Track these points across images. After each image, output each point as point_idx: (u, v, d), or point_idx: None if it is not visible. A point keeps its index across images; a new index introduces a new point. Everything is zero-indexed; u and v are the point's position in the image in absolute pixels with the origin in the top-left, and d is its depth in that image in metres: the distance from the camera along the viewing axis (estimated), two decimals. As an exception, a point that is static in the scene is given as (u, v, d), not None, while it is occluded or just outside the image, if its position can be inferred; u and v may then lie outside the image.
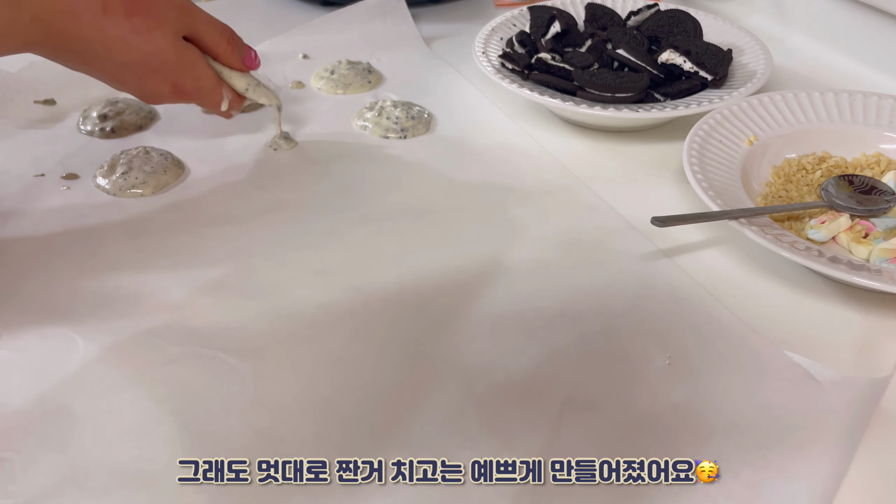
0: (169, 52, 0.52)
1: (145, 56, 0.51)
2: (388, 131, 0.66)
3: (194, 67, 0.54)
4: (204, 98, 0.57)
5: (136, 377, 0.44)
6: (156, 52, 0.52)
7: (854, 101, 0.62)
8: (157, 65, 0.52)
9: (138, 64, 0.52)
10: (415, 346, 0.46)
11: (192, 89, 0.55)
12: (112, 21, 0.49)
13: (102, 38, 0.49)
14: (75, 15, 0.48)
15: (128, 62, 0.51)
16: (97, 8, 0.48)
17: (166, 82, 0.54)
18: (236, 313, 0.48)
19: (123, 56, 0.51)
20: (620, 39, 0.69)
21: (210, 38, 0.55)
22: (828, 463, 0.38)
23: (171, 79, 0.54)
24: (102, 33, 0.49)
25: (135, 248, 0.53)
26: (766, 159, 0.59)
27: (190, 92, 0.55)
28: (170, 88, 0.54)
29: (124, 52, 0.51)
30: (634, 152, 0.64)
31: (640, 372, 0.44)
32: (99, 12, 0.49)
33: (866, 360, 0.45)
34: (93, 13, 0.48)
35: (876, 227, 0.53)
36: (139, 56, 0.51)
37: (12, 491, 0.38)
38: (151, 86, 0.54)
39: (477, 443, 0.40)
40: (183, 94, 0.55)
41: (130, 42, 0.50)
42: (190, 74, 0.54)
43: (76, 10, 0.48)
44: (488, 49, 0.71)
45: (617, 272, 0.51)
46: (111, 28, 0.49)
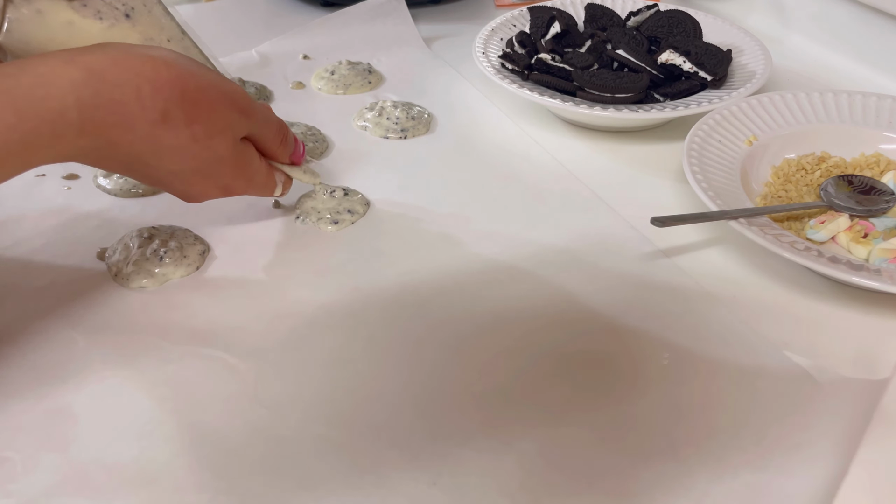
0: (227, 158, 0.47)
1: (201, 163, 0.47)
2: (389, 131, 0.66)
3: (248, 167, 0.50)
4: (255, 192, 0.53)
5: (136, 377, 0.44)
6: (213, 159, 0.47)
7: (853, 101, 0.62)
8: (211, 171, 0.48)
9: (192, 171, 0.47)
10: (414, 346, 0.46)
11: (243, 188, 0.51)
12: (170, 131, 0.44)
13: (156, 148, 0.44)
14: (130, 127, 0.42)
15: (179, 170, 0.47)
16: (155, 118, 0.43)
17: (217, 186, 0.49)
18: (236, 313, 0.48)
19: (176, 165, 0.46)
20: (620, 40, 0.69)
21: (266, 141, 0.51)
22: (827, 463, 0.38)
23: (224, 182, 0.49)
24: (157, 144, 0.44)
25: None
26: (765, 159, 0.60)
27: (241, 192, 0.51)
28: (220, 190, 0.50)
29: (179, 161, 0.46)
30: (634, 152, 0.65)
31: (639, 372, 0.44)
32: (157, 123, 0.43)
33: (865, 361, 0.45)
34: (150, 124, 0.43)
35: (875, 227, 0.53)
36: (195, 164, 0.46)
37: (12, 490, 0.38)
38: (200, 189, 0.49)
39: (477, 442, 0.40)
40: (232, 193, 0.51)
41: (187, 151, 0.45)
42: (243, 176, 0.50)
43: (131, 122, 0.42)
44: (488, 49, 0.71)
45: (616, 272, 0.51)
46: (168, 138, 0.44)
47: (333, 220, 0.56)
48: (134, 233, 0.53)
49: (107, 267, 0.52)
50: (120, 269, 0.51)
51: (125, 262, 0.51)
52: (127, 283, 0.50)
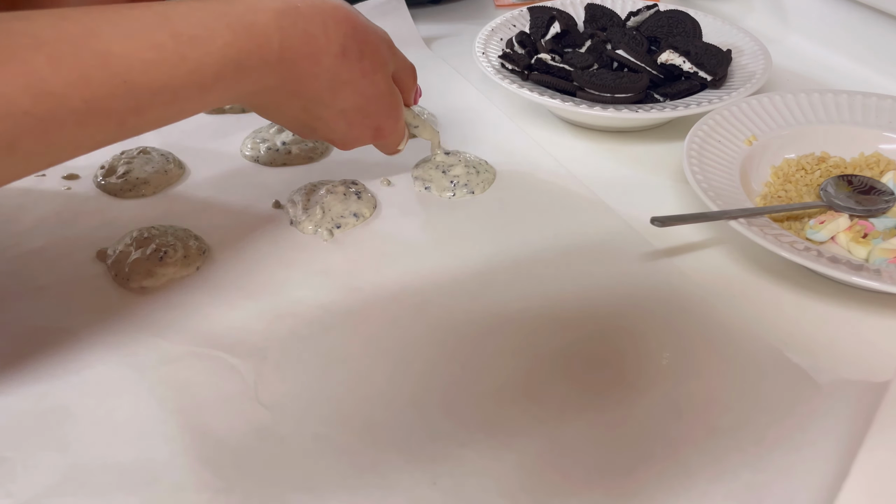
0: (385, 94, 0.50)
1: (366, 100, 0.49)
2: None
3: (398, 107, 0.52)
4: (395, 136, 0.54)
5: (136, 377, 0.44)
6: (375, 96, 0.50)
7: (853, 101, 0.62)
8: (372, 108, 0.50)
9: (356, 109, 0.49)
10: (414, 346, 0.46)
11: (390, 131, 0.53)
12: (346, 65, 0.47)
13: (334, 83, 0.47)
14: (317, 59, 0.45)
15: (348, 108, 0.49)
16: (337, 51, 0.46)
17: (372, 126, 0.52)
18: (236, 313, 0.48)
19: (347, 101, 0.49)
20: (620, 40, 0.69)
21: (405, 78, 0.54)
22: (828, 465, 0.38)
23: (378, 122, 0.52)
24: (336, 78, 0.47)
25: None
26: (765, 159, 0.60)
27: (388, 134, 0.53)
28: (371, 133, 0.52)
29: (349, 97, 0.48)
30: (634, 152, 0.65)
31: (639, 372, 0.44)
32: (338, 56, 0.46)
33: (866, 361, 0.45)
34: (333, 56, 0.46)
35: (875, 227, 0.53)
36: (361, 100, 0.49)
37: (12, 491, 0.38)
38: (358, 131, 0.51)
39: (477, 443, 0.40)
40: (380, 137, 0.53)
41: (357, 86, 0.48)
42: (394, 115, 0.52)
43: (318, 54, 0.45)
44: (488, 49, 0.71)
45: (616, 272, 0.51)
46: (345, 71, 0.47)
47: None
48: (134, 233, 0.53)
49: (107, 267, 0.52)
50: (120, 268, 0.51)
51: (125, 262, 0.51)
52: (127, 282, 0.50)
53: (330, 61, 0.46)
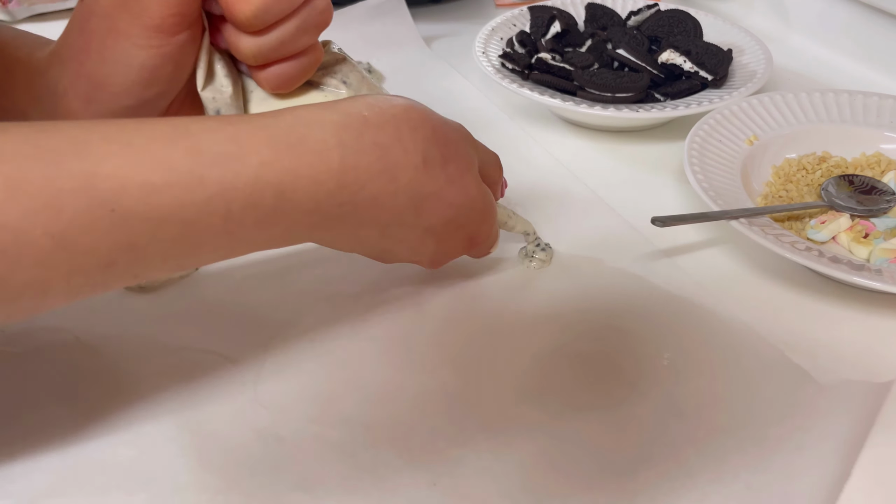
0: (477, 198, 0.41)
1: (456, 210, 0.40)
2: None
3: (491, 208, 0.43)
4: (489, 241, 0.46)
5: (136, 377, 0.44)
6: (466, 203, 0.41)
7: (854, 101, 0.62)
8: (464, 218, 0.41)
9: (446, 222, 0.41)
10: (415, 346, 0.46)
11: (486, 234, 0.44)
12: (429, 175, 0.38)
13: (417, 198, 0.38)
14: (394, 176, 0.37)
15: (435, 223, 0.40)
16: (417, 162, 0.37)
17: (465, 237, 0.43)
18: (236, 313, 0.48)
19: (434, 216, 0.40)
20: (620, 39, 0.69)
21: (492, 173, 0.45)
22: (829, 466, 0.38)
23: (471, 231, 0.43)
24: (418, 192, 0.38)
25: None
26: (766, 159, 0.59)
27: (482, 241, 0.44)
28: (465, 244, 0.44)
29: (437, 211, 0.40)
30: (634, 152, 0.64)
31: (639, 372, 0.44)
32: (419, 167, 0.38)
33: (867, 361, 0.45)
34: (414, 169, 0.37)
35: (876, 227, 0.53)
36: (450, 212, 0.40)
37: (12, 491, 0.38)
38: (450, 246, 0.43)
39: (477, 444, 0.40)
40: (475, 246, 0.45)
41: (444, 196, 0.39)
42: (488, 219, 0.43)
43: (395, 169, 0.37)
44: (488, 49, 0.71)
45: (616, 272, 0.51)
46: (428, 184, 0.38)
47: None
48: None
49: None
50: None
51: None
52: None
53: (410, 175, 0.38)
